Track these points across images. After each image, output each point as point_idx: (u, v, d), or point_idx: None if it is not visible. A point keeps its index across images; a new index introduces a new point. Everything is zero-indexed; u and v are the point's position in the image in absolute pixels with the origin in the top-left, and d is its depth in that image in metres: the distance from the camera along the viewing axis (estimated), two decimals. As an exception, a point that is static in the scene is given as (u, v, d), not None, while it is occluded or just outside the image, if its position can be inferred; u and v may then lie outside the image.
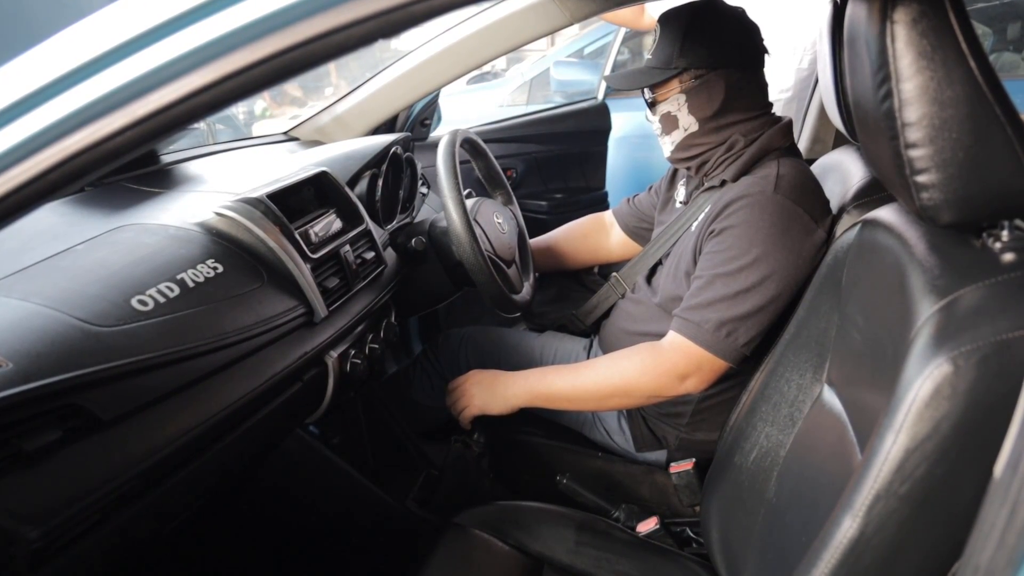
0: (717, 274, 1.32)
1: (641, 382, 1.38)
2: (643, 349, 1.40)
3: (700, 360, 1.33)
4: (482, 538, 1.29)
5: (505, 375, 1.50)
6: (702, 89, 1.39)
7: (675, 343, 1.36)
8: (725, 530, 1.23)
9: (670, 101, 1.43)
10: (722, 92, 1.39)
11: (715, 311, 1.31)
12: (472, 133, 1.73)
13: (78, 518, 0.79)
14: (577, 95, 3.45)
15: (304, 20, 0.60)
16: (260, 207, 1.18)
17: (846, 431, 0.95)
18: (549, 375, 1.48)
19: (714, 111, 1.40)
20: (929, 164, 0.77)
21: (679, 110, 1.42)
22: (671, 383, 1.36)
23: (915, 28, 0.74)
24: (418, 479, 1.63)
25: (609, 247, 1.92)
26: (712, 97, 1.40)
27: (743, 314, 1.30)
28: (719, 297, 1.31)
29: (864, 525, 0.73)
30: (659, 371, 1.36)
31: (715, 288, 1.32)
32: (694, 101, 1.41)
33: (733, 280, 1.30)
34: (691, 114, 1.42)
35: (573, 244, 1.94)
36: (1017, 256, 0.76)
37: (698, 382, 1.36)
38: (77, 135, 0.62)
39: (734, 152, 1.43)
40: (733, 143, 1.42)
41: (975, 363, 0.67)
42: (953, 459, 0.69)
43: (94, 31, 0.65)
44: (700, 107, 1.41)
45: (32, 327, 0.82)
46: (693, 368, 1.34)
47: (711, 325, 1.31)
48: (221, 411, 0.97)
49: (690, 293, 1.37)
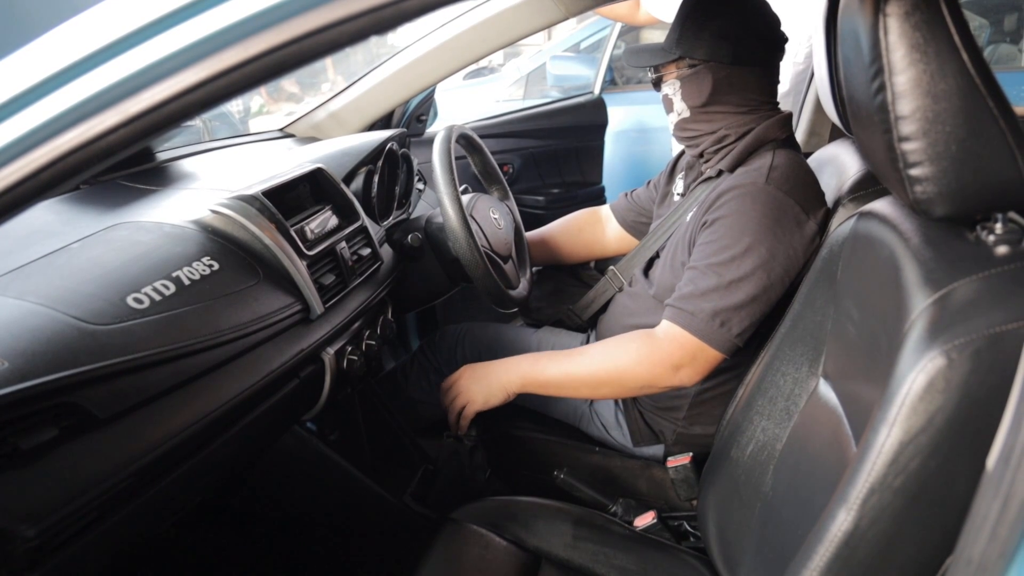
0: (710, 264, 1.32)
1: (635, 371, 1.38)
2: (637, 337, 1.40)
3: (694, 350, 1.33)
4: (479, 533, 1.29)
5: (497, 364, 1.49)
6: (693, 79, 1.41)
7: (669, 333, 1.35)
8: (722, 524, 1.24)
9: (669, 84, 1.46)
10: (709, 85, 1.40)
11: (708, 301, 1.31)
12: (468, 128, 1.72)
13: (75, 516, 0.79)
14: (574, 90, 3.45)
15: (297, 16, 0.60)
16: (256, 204, 1.18)
17: (841, 424, 0.95)
18: (542, 360, 1.47)
19: (703, 101, 1.42)
20: (922, 157, 0.77)
21: (675, 94, 1.45)
22: (665, 373, 1.36)
23: (908, 21, 0.74)
24: (415, 475, 1.63)
25: (605, 241, 1.92)
26: (701, 88, 1.41)
27: (736, 304, 1.30)
28: (712, 287, 1.31)
29: (858, 518, 0.73)
30: (653, 360, 1.36)
31: (708, 278, 1.32)
32: (686, 89, 1.43)
33: (725, 270, 1.30)
34: (683, 100, 1.44)
35: (568, 238, 1.94)
36: (1011, 249, 0.76)
37: (692, 373, 1.36)
38: (70, 133, 0.62)
39: (725, 145, 1.44)
40: (722, 136, 1.43)
41: (968, 356, 0.67)
42: (946, 452, 0.69)
43: (86, 28, 0.65)
44: (691, 95, 1.43)
45: (28, 326, 0.82)
46: (688, 358, 1.34)
47: (705, 315, 1.31)
48: (218, 408, 0.98)
49: (683, 283, 1.37)
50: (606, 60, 3.51)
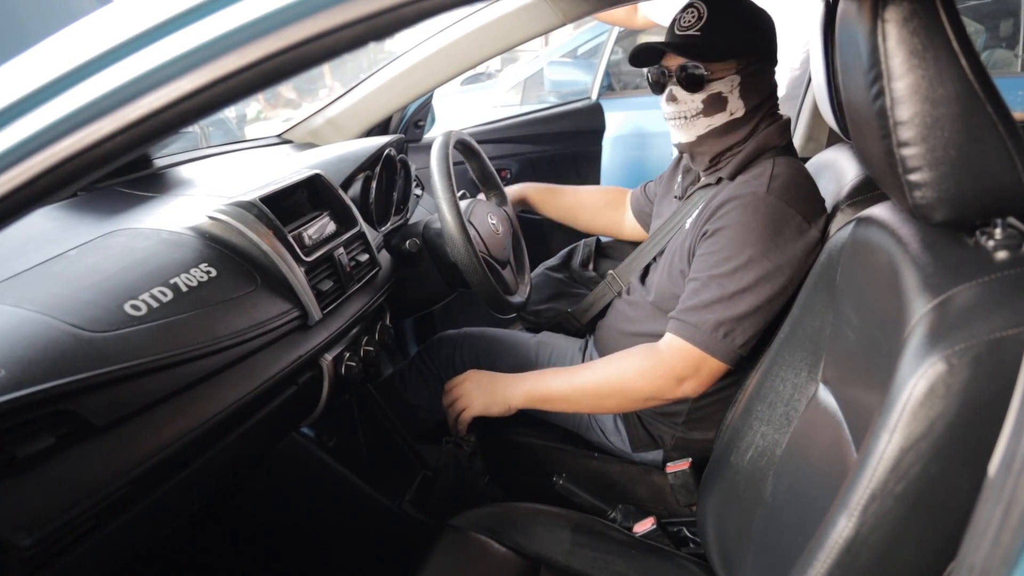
0: (712, 275, 1.32)
1: (639, 384, 1.38)
2: (641, 351, 1.40)
3: (698, 362, 1.33)
4: (478, 540, 1.29)
5: (503, 377, 1.49)
6: (756, 76, 1.39)
7: (673, 345, 1.35)
8: (721, 530, 1.23)
9: (724, 81, 1.38)
10: (769, 84, 1.41)
11: (712, 312, 1.31)
12: (466, 134, 1.72)
13: (72, 525, 0.78)
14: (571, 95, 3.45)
15: (294, 23, 0.60)
16: (253, 210, 1.17)
17: (841, 430, 0.95)
18: (547, 376, 1.47)
19: (760, 100, 1.41)
20: (921, 162, 0.77)
21: (731, 92, 1.39)
22: (669, 385, 1.36)
23: (906, 27, 0.75)
24: (414, 481, 1.62)
25: (622, 225, 1.96)
26: (762, 87, 1.40)
27: (740, 315, 1.30)
28: (715, 298, 1.31)
29: (860, 524, 0.73)
30: (657, 373, 1.36)
31: (711, 289, 1.32)
32: (748, 85, 1.39)
33: (728, 281, 1.30)
34: (741, 98, 1.39)
35: (593, 209, 1.98)
36: (1010, 254, 0.76)
37: (696, 385, 1.35)
38: (67, 140, 0.62)
39: (733, 150, 1.43)
40: (745, 139, 1.42)
41: (969, 361, 0.67)
42: (948, 458, 0.69)
43: (84, 36, 0.65)
44: (750, 94, 1.39)
45: (24, 333, 0.82)
46: (691, 371, 1.34)
47: (708, 326, 1.31)
48: (216, 415, 0.97)
49: (686, 295, 1.37)
50: (603, 65, 3.52)
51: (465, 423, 1.50)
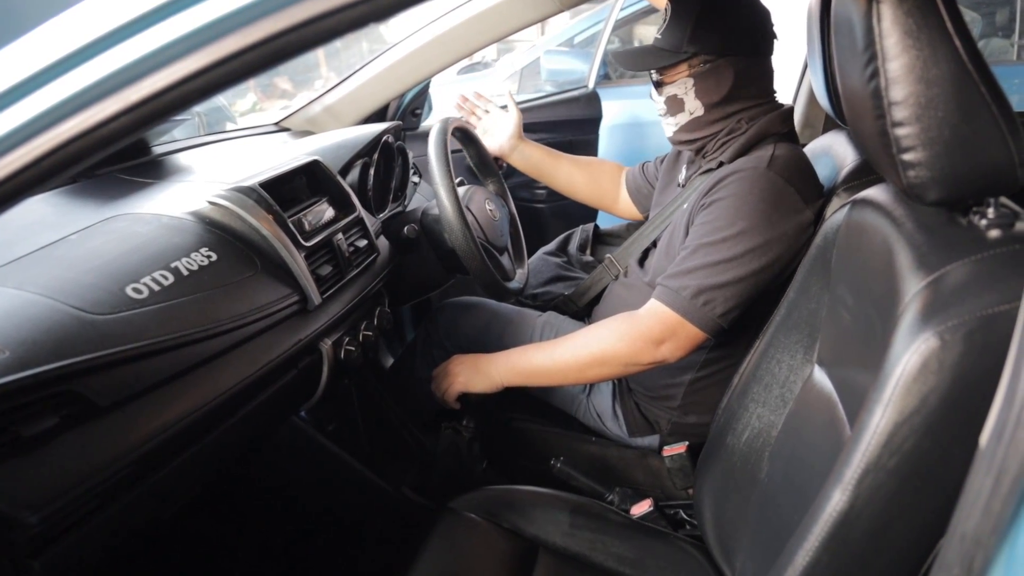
0: (701, 243, 1.33)
1: (617, 348, 1.38)
2: (620, 317, 1.42)
3: (675, 326, 1.34)
4: (477, 522, 1.30)
5: (487, 356, 1.51)
6: (710, 75, 1.40)
7: (652, 309, 1.37)
8: (718, 511, 1.24)
9: (678, 84, 1.43)
10: (730, 79, 1.40)
11: (694, 279, 1.32)
12: (463, 121, 1.73)
13: (77, 503, 0.79)
14: (568, 84, 3.44)
15: (296, 4, 0.60)
16: (253, 195, 1.18)
17: (836, 410, 0.96)
18: (529, 351, 1.48)
19: (721, 97, 1.41)
20: (915, 142, 0.78)
21: (686, 94, 1.43)
22: (646, 348, 1.36)
23: (900, 7, 0.75)
24: (413, 465, 1.63)
25: (616, 199, 1.97)
26: (720, 83, 1.40)
27: (721, 283, 1.31)
28: (700, 265, 1.32)
29: (854, 498, 0.74)
30: (634, 335, 1.37)
31: (697, 257, 1.33)
32: (701, 86, 1.41)
33: (715, 250, 1.31)
34: (698, 98, 1.42)
35: (590, 180, 1.98)
36: (1003, 233, 0.77)
37: (673, 348, 1.36)
38: (71, 121, 0.63)
39: (734, 136, 1.43)
40: (734, 128, 1.43)
41: (961, 337, 0.68)
42: (940, 432, 0.70)
43: (87, 17, 0.65)
44: (707, 92, 1.41)
45: (28, 315, 0.82)
46: (668, 334, 1.35)
47: (689, 292, 1.32)
48: (217, 398, 0.98)
49: (675, 262, 1.38)
50: (600, 54, 3.51)
51: (452, 397, 1.52)
